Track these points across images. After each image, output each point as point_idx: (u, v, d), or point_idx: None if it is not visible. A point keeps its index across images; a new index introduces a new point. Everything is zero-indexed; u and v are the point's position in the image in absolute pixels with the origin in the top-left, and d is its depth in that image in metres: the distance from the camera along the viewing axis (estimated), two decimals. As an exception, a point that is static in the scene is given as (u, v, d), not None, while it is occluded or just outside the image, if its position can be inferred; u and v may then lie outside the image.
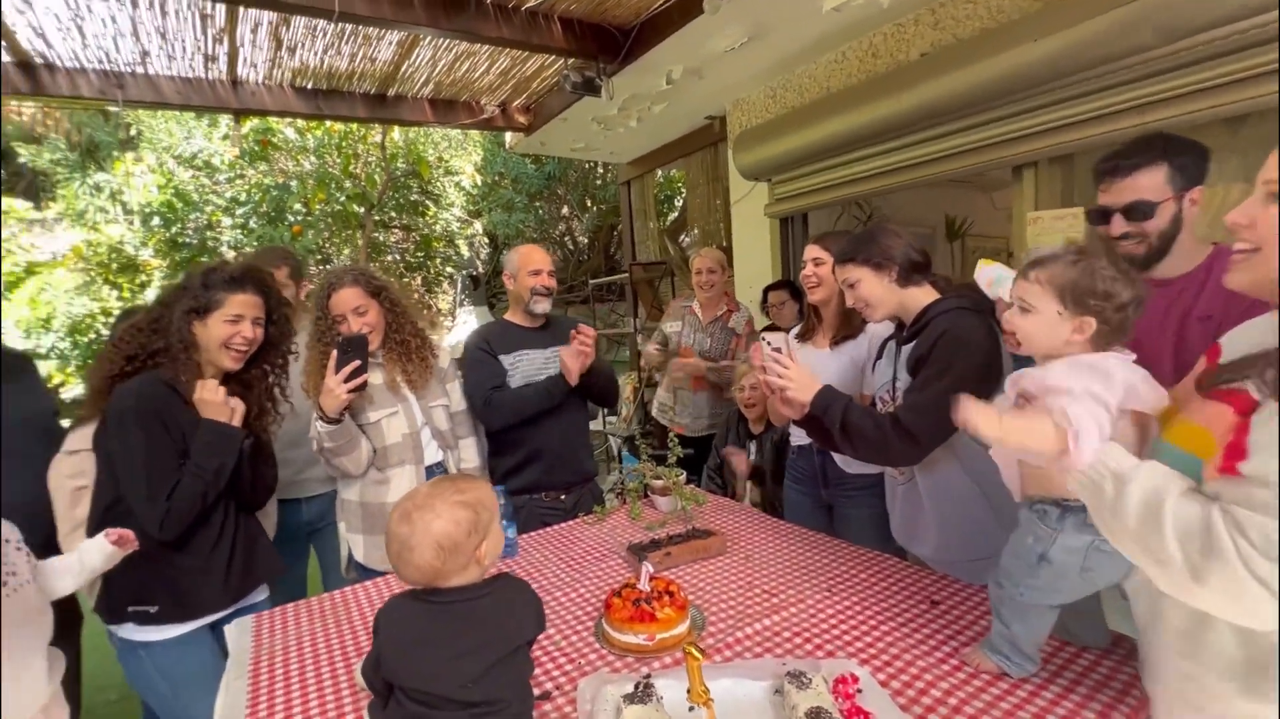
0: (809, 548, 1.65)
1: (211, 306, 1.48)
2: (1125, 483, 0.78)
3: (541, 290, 2.10)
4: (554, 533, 1.92)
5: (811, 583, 1.45)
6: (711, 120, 4.26)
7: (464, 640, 0.87)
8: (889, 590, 1.39)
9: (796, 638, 1.22)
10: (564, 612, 1.41)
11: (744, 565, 1.57)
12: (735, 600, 1.39)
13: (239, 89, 3.25)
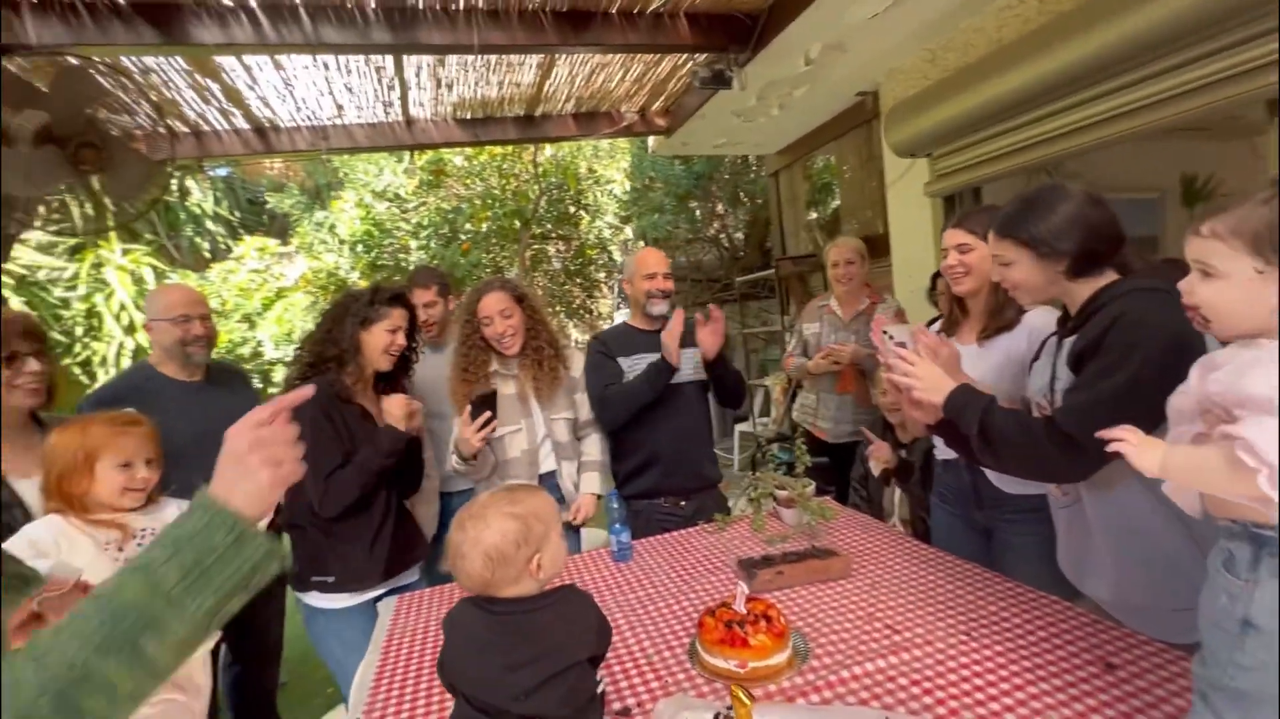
0: (952, 579, 1.41)
1: (377, 319, 1.74)
2: None
3: (657, 293, 2.09)
4: (670, 539, 1.88)
5: (947, 622, 1.23)
6: (863, 96, 3.91)
7: (519, 652, 0.87)
8: (1050, 642, 1.13)
9: (915, 687, 1.04)
10: (663, 624, 1.36)
11: (867, 593, 1.39)
12: (849, 633, 1.23)
13: (412, 127, 3.70)
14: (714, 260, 9.31)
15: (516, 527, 0.91)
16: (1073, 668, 1.05)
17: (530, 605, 0.92)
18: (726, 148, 4.90)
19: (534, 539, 0.92)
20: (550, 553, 0.94)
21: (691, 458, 2.10)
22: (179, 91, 2.99)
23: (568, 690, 0.88)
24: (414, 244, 6.24)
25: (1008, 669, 1.06)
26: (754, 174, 7.83)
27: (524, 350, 2.01)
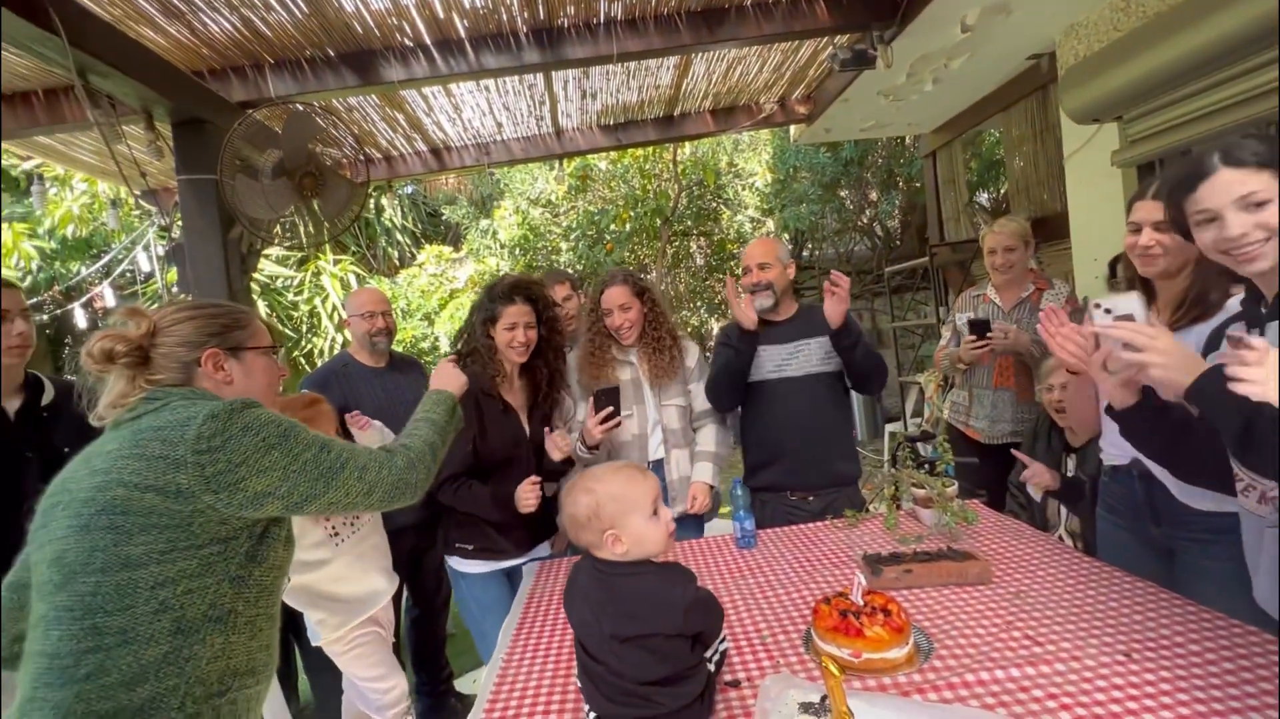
0: (1117, 595, 1.25)
1: (496, 317, 1.86)
2: None
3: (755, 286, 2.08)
4: (796, 531, 1.87)
5: (1103, 639, 1.10)
6: (1036, 59, 3.49)
7: (606, 608, 0.96)
8: (1237, 675, 0.97)
9: (1052, 700, 0.96)
10: (780, 610, 1.38)
11: (1009, 602, 1.28)
12: (981, 639, 1.16)
13: (561, 137, 3.99)
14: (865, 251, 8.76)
15: (589, 502, 1.00)
16: (1249, 696, 0.90)
17: (623, 570, 1.00)
18: (874, 130, 4.63)
19: (606, 517, 0.99)
20: (632, 533, 0.99)
21: (819, 453, 2.04)
22: (373, 124, 3.52)
23: (653, 657, 0.94)
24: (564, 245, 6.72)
25: (1173, 698, 0.93)
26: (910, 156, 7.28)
27: (642, 339, 2.09)
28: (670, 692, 0.94)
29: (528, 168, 6.74)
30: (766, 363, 2.06)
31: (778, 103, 3.99)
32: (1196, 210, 1.05)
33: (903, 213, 8.11)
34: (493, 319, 1.86)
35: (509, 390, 1.93)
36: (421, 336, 6.43)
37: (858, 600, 1.18)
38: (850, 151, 6.73)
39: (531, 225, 6.86)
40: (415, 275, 6.82)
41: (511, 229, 6.89)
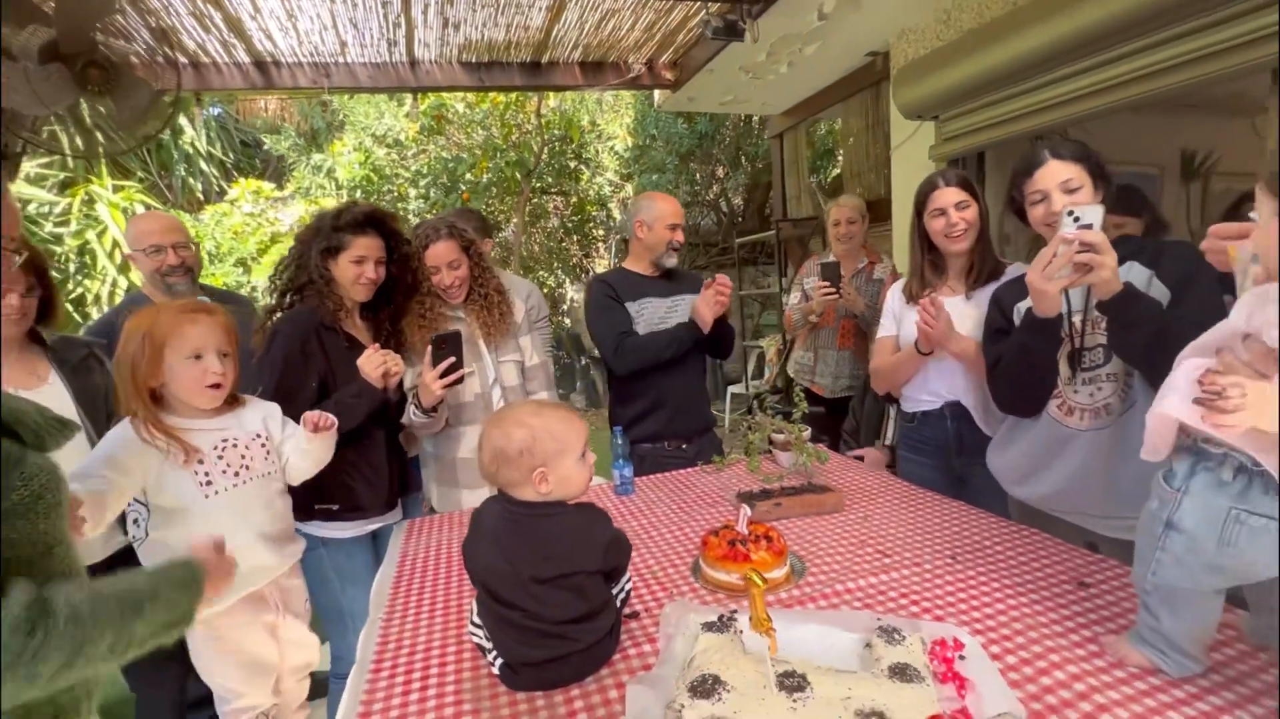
0: (939, 513, 1.50)
1: (341, 247, 1.65)
2: None
3: (676, 245, 2.13)
4: (671, 477, 1.96)
5: (933, 548, 1.32)
6: (873, 57, 3.88)
7: (524, 551, 0.94)
8: (1028, 566, 1.22)
9: (903, 598, 1.13)
10: (667, 547, 1.45)
11: (860, 524, 1.48)
12: (843, 556, 1.32)
13: (416, 69, 3.63)
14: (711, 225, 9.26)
15: (523, 435, 0.96)
16: (1049, 585, 1.14)
17: (542, 511, 0.98)
18: (733, 105, 4.85)
19: (539, 453, 0.96)
20: (561, 473, 0.98)
21: (692, 402, 2.18)
22: (179, 18, 2.91)
23: (573, 595, 0.95)
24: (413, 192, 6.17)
25: (988, 586, 1.15)
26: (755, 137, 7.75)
27: (470, 296, 1.95)
28: (587, 627, 0.95)
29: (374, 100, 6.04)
30: (650, 315, 2.11)
31: (646, 65, 4.00)
32: (1033, 191, 1.34)
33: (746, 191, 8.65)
34: (335, 249, 1.65)
35: (353, 325, 1.75)
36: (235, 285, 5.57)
37: (743, 530, 1.28)
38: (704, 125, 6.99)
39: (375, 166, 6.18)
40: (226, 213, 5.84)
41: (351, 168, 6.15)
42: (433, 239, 1.88)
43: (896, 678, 0.84)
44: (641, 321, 2.13)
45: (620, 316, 2.13)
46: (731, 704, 0.82)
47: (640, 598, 1.22)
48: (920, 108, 3.25)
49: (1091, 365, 1.34)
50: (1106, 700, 0.83)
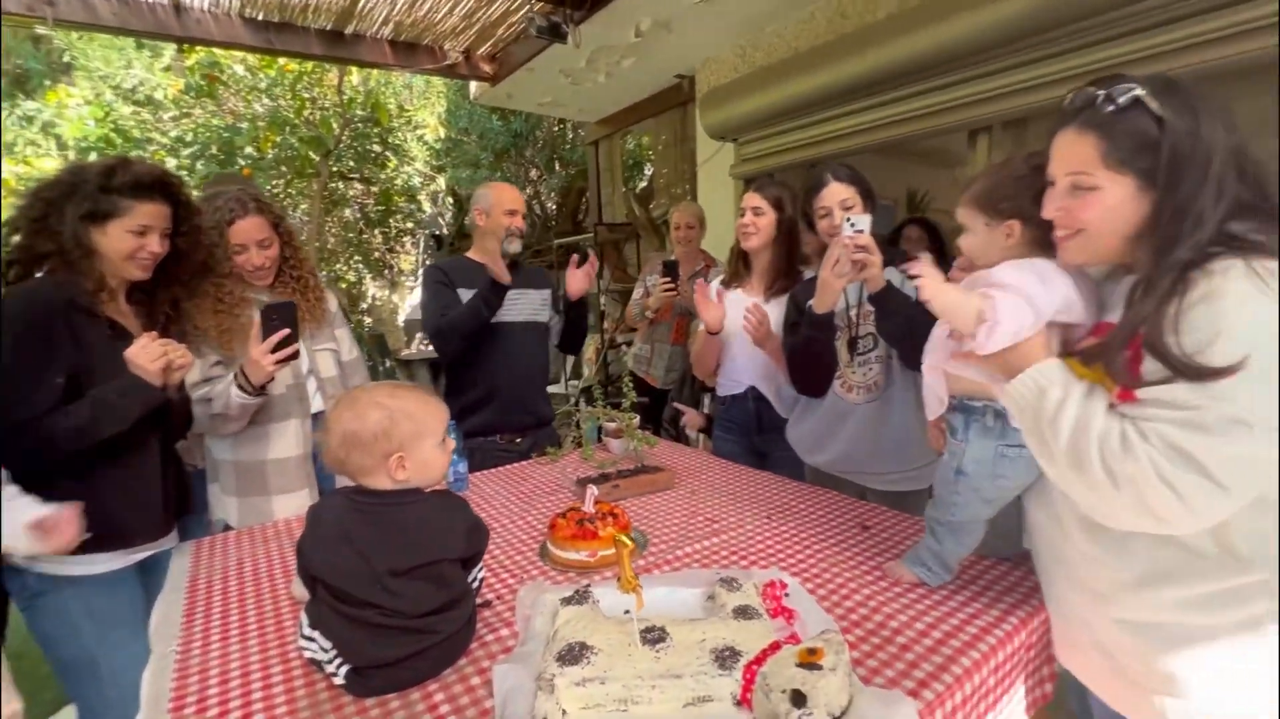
0: (752, 483, 1.71)
1: (114, 213, 1.32)
2: (1067, 398, 0.81)
3: (516, 231, 2.08)
4: (506, 471, 1.94)
5: (752, 511, 1.50)
6: (681, 79, 4.22)
7: (379, 543, 0.88)
8: (824, 517, 1.45)
9: (733, 555, 1.28)
10: (510, 536, 1.44)
11: (689, 498, 1.62)
12: (678, 526, 1.44)
13: (182, 15, 3.06)
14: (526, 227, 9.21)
15: (379, 418, 0.90)
16: (841, 531, 1.38)
17: (397, 500, 0.93)
18: (551, 107, 4.90)
19: (397, 437, 0.91)
20: (418, 458, 0.94)
21: (528, 396, 2.17)
22: None
23: (434, 584, 0.92)
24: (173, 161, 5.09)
25: (797, 537, 1.35)
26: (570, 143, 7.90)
27: (280, 279, 1.74)
28: (447, 617, 0.92)
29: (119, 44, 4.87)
30: None
31: (463, 54, 3.87)
32: (819, 207, 1.59)
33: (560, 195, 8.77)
34: (104, 215, 1.32)
35: (117, 312, 1.42)
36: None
37: (590, 509, 1.33)
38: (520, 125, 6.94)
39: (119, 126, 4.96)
40: None
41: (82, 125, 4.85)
42: (239, 213, 1.61)
43: (740, 617, 0.96)
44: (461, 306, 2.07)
45: (445, 299, 2.05)
46: (600, 665, 0.86)
47: (489, 587, 1.20)
48: (722, 130, 3.63)
49: (864, 350, 1.65)
50: (891, 609, 1.05)
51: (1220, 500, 0.72)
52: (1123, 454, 0.74)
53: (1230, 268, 0.73)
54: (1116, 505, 0.77)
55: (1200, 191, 0.76)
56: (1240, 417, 0.69)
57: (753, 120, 3.40)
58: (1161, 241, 0.79)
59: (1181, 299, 0.74)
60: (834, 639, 0.86)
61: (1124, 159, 0.80)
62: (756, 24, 3.37)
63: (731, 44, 3.63)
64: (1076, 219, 0.85)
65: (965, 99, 2.50)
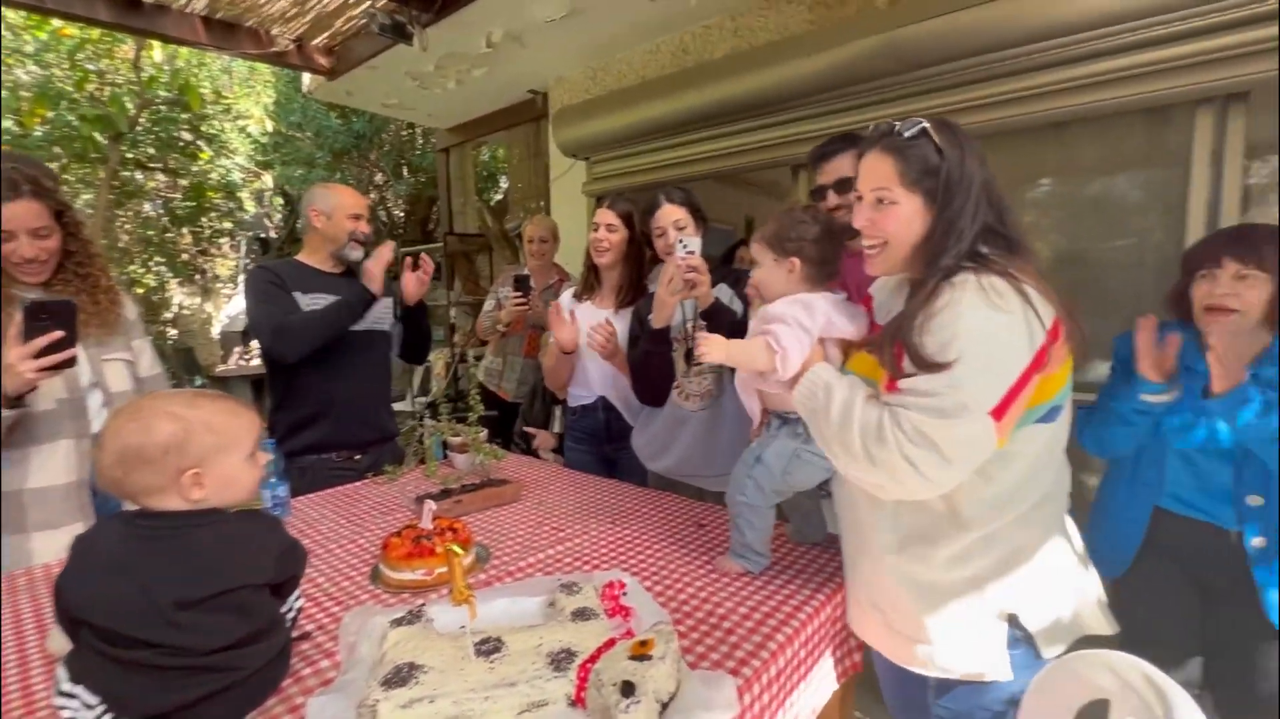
0: (600, 492, 1.74)
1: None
2: (831, 391, 0.98)
3: (360, 236, 1.96)
4: (337, 492, 1.79)
5: (597, 518, 1.53)
6: (534, 95, 4.24)
7: (165, 572, 0.78)
8: (664, 519, 1.53)
9: (577, 561, 1.29)
10: (338, 562, 1.33)
11: (536, 509, 1.61)
12: (524, 538, 1.43)
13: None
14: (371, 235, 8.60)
15: (172, 430, 0.80)
16: (679, 530, 1.45)
17: (185, 522, 0.82)
18: (397, 109, 4.66)
19: (194, 452, 0.81)
20: (220, 474, 0.84)
21: (370, 409, 2.02)
22: None
23: (235, 615, 0.82)
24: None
25: (639, 539, 1.40)
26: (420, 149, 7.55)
27: (60, 277, 1.48)
28: (253, 651, 0.82)
29: None
30: None
31: (295, 42, 3.55)
32: (655, 228, 1.69)
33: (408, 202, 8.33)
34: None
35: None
36: None
37: (428, 526, 1.27)
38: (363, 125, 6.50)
39: None
40: None
41: None
42: (8, 195, 1.34)
43: (578, 619, 0.97)
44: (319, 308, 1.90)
45: (283, 302, 1.86)
46: (430, 683, 0.83)
47: (310, 617, 1.10)
48: (574, 148, 3.70)
49: (699, 361, 1.76)
50: (720, 598, 1.13)
51: (947, 470, 0.88)
52: (878, 439, 0.90)
53: (965, 282, 0.90)
54: (874, 478, 0.93)
55: (964, 211, 0.94)
56: (966, 403, 0.86)
57: (603, 141, 3.51)
58: (933, 253, 0.96)
59: (929, 306, 0.91)
60: (665, 630, 0.91)
61: (915, 179, 0.96)
62: (607, 50, 3.49)
63: (583, 65, 3.72)
64: (882, 230, 1.00)
65: (789, 138, 2.79)
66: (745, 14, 2.97)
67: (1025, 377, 0.89)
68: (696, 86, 2.95)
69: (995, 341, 0.88)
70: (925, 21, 2.22)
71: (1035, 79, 2.14)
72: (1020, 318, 0.89)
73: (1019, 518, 0.98)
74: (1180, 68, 1.91)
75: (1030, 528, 0.99)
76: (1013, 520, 0.97)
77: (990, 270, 0.91)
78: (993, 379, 0.87)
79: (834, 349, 1.08)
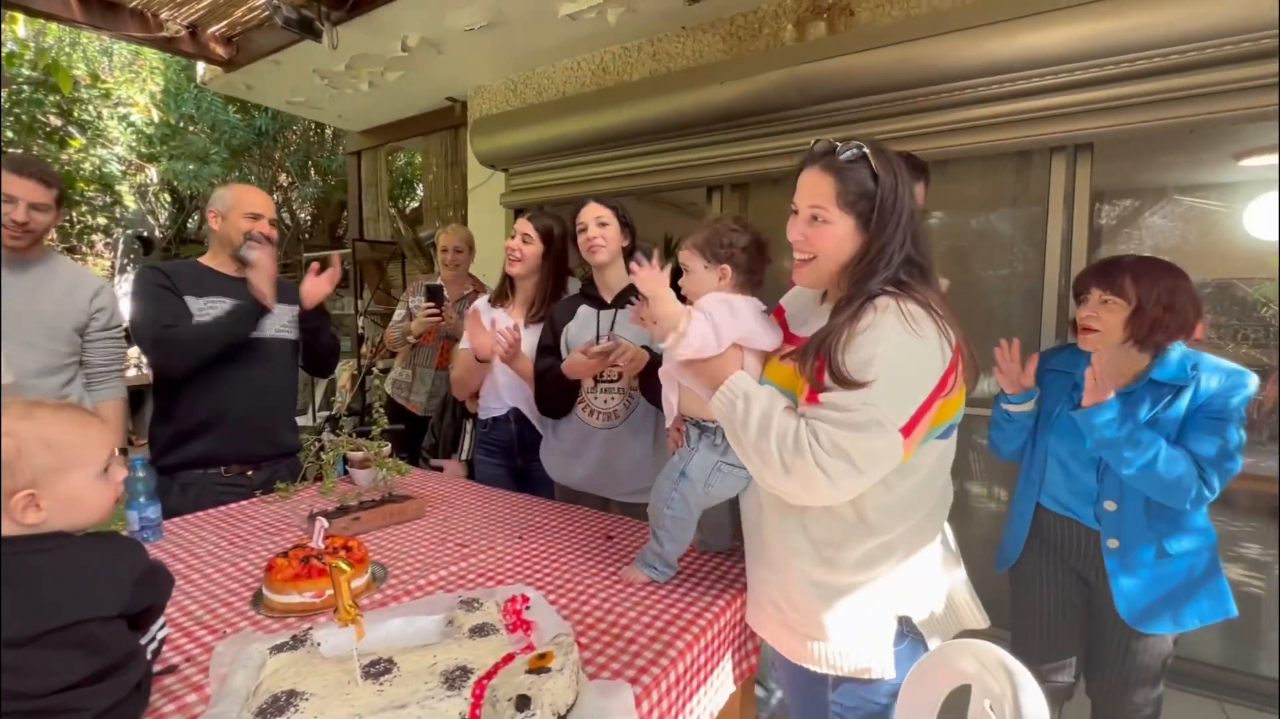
0: (507, 506, 1.71)
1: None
2: (750, 401, 1.01)
3: (258, 237, 1.82)
4: (221, 511, 1.65)
5: (504, 533, 1.50)
6: (453, 102, 4.16)
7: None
8: (573, 532, 1.52)
9: (481, 577, 1.26)
10: (214, 587, 1.23)
11: (440, 525, 1.56)
12: (425, 554, 1.37)
13: None
14: (272, 237, 8.07)
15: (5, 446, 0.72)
16: (587, 542, 1.45)
17: (28, 547, 0.73)
18: (303, 108, 4.43)
19: (27, 471, 0.73)
20: (62, 495, 0.76)
21: (268, 422, 1.87)
22: None
23: (81, 651, 0.73)
24: None
25: (546, 553, 1.39)
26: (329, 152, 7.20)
27: None
28: (102, 688, 0.74)
29: None
30: None
31: (188, 28, 3.31)
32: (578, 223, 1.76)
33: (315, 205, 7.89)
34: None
35: None
36: None
37: (319, 545, 1.20)
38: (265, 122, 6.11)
39: None
40: None
41: None
42: None
43: (476, 636, 0.95)
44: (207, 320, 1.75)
45: (171, 307, 1.71)
46: (311, 711, 0.78)
47: (178, 648, 1.01)
48: (493, 158, 3.66)
49: (608, 379, 1.77)
50: (624, 608, 1.13)
51: (857, 480, 0.94)
52: (794, 450, 0.94)
53: (887, 306, 0.97)
54: (787, 486, 0.97)
55: (893, 238, 1.00)
56: (879, 419, 0.92)
57: (522, 153, 3.49)
58: (861, 274, 1.01)
59: (853, 326, 0.96)
60: (564, 642, 0.91)
61: (850, 202, 1.00)
62: (527, 63, 3.49)
63: (503, 76, 3.70)
64: (814, 245, 1.04)
65: (705, 160, 2.90)
66: (664, 39, 3.07)
67: (932, 397, 0.96)
68: (616, 105, 3.00)
69: (910, 365, 0.95)
70: (826, 60, 2.39)
71: (922, 120, 2.35)
72: (934, 344, 0.96)
73: (915, 524, 1.05)
74: (1041, 118, 2.16)
75: (922, 534, 1.07)
76: (910, 527, 1.05)
77: (910, 297, 0.98)
78: (905, 399, 0.94)
79: (752, 359, 1.12)
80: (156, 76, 5.60)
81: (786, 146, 2.61)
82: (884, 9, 2.50)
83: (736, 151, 2.78)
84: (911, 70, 2.25)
